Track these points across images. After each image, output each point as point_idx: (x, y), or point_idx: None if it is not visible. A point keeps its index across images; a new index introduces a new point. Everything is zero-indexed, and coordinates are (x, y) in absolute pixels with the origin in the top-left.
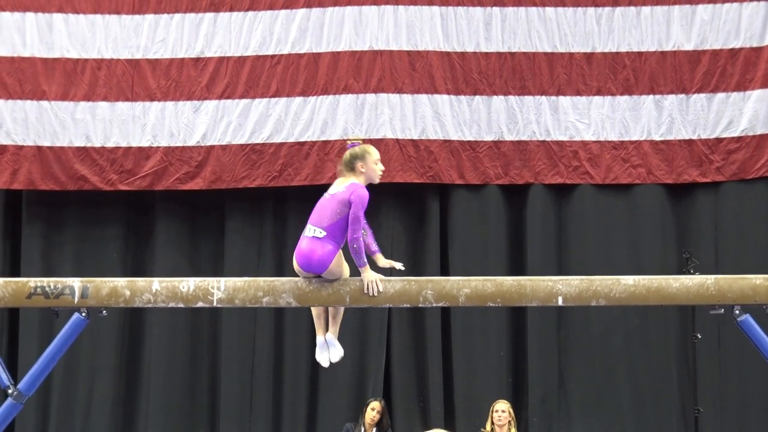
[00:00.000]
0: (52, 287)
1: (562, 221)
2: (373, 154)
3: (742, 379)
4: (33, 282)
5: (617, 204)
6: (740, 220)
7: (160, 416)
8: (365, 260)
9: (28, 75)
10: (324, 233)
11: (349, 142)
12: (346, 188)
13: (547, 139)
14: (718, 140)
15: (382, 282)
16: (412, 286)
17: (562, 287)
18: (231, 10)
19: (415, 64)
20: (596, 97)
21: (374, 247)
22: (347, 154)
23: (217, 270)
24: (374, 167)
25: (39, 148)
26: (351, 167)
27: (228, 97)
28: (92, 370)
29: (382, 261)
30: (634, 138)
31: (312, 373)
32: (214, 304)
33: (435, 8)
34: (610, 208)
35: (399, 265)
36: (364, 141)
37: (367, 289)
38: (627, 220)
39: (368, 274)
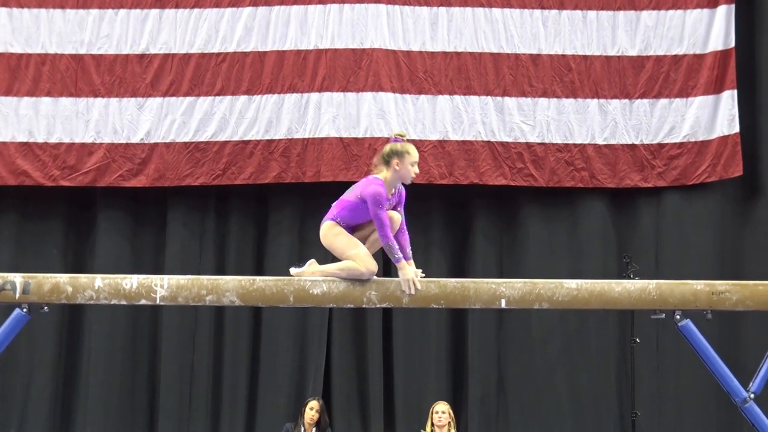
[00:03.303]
0: None
1: (506, 224)
2: (413, 155)
3: (680, 384)
4: None
5: (560, 207)
6: (681, 226)
7: (98, 413)
8: (399, 256)
9: None
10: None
11: (393, 136)
12: (364, 181)
13: (492, 139)
14: (661, 146)
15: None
16: (356, 287)
17: (505, 290)
18: (176, 6)
19: (360, 62)
20: (541, 99)
21: (407, 251)
22: (387, 147)
23: (158, 266)
24: (410, 168)
25: None
26: (387, 161)
27: (172, 95)
28: (30, 366)
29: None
30: (578, 141)
31: (252, 373)
32: (158, 301)
33: (381, 6)
34: (552, 211)
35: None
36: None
37: (404, 287)
38: (569, 224)
39: (406, 271)
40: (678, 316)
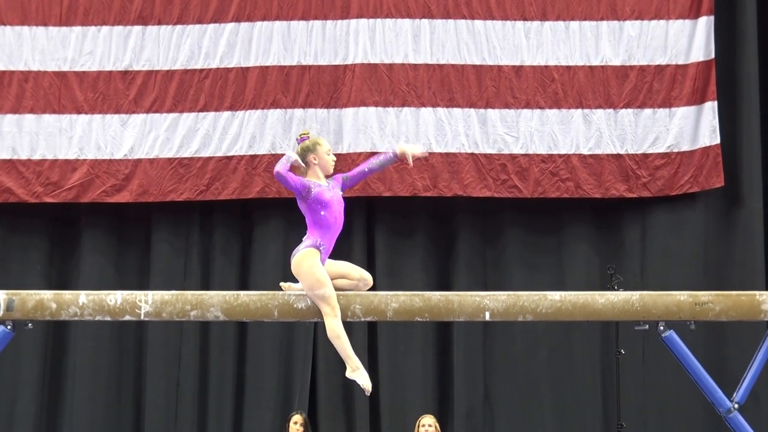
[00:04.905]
0: None
1: (490, 236)
2: (324, 144)
3: (665, 395)
4: None
5: (544, 218)
6: (665, 237)
7: (83, 431)
8: (385, 153)
9: None
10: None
11: (300, 136)
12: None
13: (476, 151)
14: (645, 156)
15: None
16: (340, 301)
17: (489, 302)
18: (159, 23)
19: (343, 77)
20: (525, 110)
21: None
22: (298, 148)
23: (143, 282)
24: (326, 158)
25: None
26: (305, 161)
27: (156, 111)
28: (14, 384)
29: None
30: (563, 152)
31: (237, 388)
32: (142, 317)
33: (363, 21)
34: (537, 222)
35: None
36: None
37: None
38: (553, 235)
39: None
40: (661, 327)
